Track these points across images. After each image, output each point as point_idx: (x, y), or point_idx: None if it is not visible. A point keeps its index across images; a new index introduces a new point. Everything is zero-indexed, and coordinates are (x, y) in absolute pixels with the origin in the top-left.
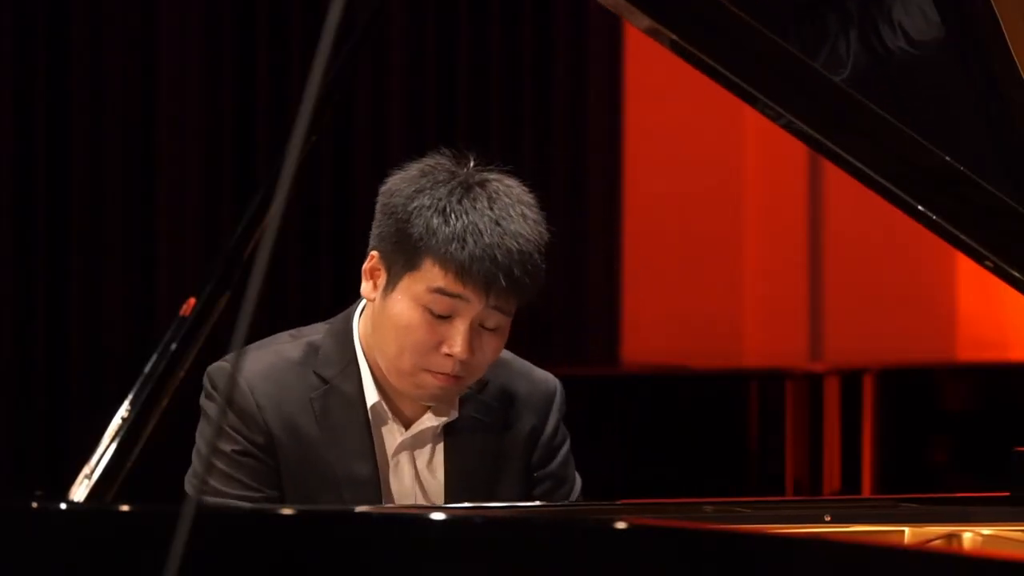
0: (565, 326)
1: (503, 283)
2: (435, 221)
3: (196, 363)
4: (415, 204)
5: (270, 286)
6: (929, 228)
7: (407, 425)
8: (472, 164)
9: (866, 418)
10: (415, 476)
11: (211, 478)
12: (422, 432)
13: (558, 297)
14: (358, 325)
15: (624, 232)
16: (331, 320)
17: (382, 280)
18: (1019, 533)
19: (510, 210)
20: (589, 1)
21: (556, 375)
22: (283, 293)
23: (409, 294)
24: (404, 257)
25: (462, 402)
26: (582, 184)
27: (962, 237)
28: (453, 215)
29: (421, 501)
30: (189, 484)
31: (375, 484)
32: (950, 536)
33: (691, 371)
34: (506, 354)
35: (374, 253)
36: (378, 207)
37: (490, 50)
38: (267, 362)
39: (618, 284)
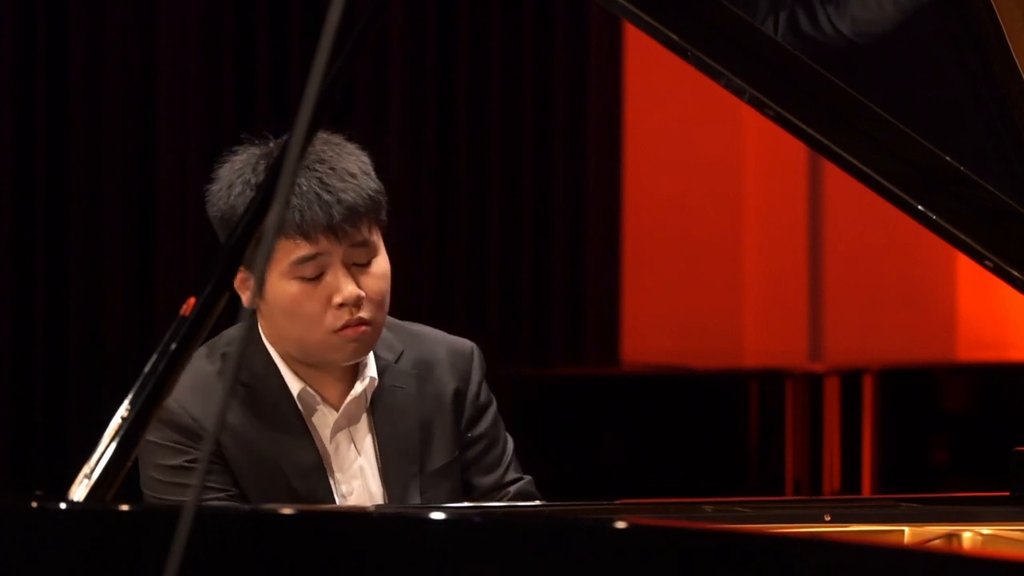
0: (565, 326)
1: (340, 216)
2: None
3: None
4: (232, 195)
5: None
6: (929, 228)
7: (337, 407)
8: (272, 142)
9: (866, 418)
10: (356, 453)
11: (170, 497)
12: (351, 408)
13: (558, 297)
14: (262, 329)
15: (624, 232)
16: (239, 326)
17: (252, 282)
18: (1019, 533)
19: (319, 154)
20: (589, 1)
21: (556, 375)
22: None
23: (276, 276)
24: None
25: (381, 373)
26: (582, 184)
27: (962, 237)
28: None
29: (368, 478)
30: None
31: (322, 470)
32: (950, 536)
33: (691, 371)
34: (418, 325)
35: None
36: (213, 225)
37: (490, 50)
38: (189, 379)
39: (618, 284)
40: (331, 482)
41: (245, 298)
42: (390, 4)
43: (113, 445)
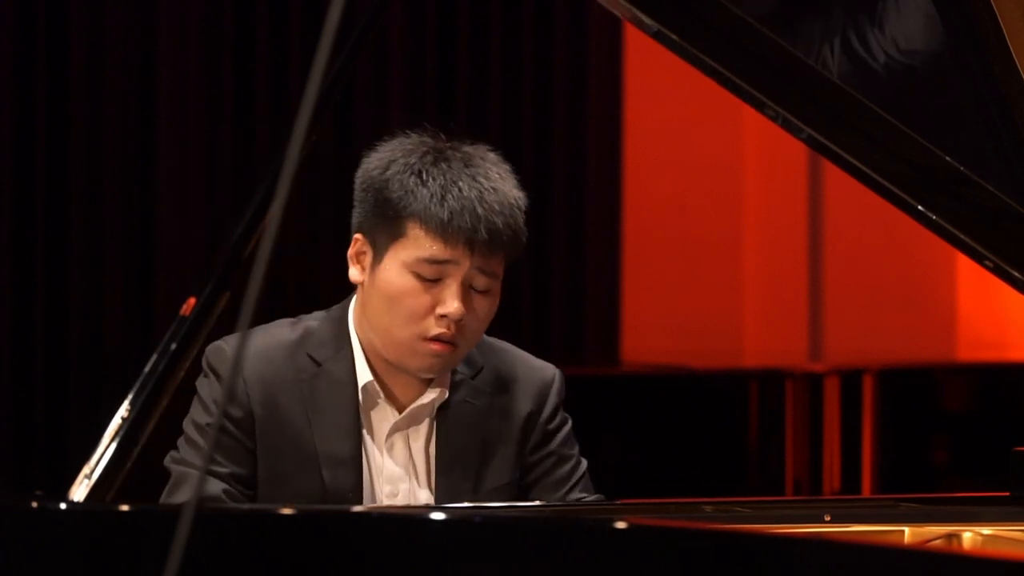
0: (565, 326)
1: (485, 235)
2: (411, 182)
3: (196, 363)
4: (390, 172)
5: (270, 285)
6: (929, 228)
7: (401, 409)
8: (444, 138)
9: (866, 418)
10: (409, 457)
11: (186, 451)
12: (416, 412)
13: (558, 297)
14: (353, 311)
15: (624, 233)
16: (330, 308)
17: (368, 259)
18: (1019, 533)
19: (487, 171)
20: (589, 1)
21: None
22: (283, 291)
23: (397, 263)
24: (387, 227)
25: (455, 387)
26: (582, 184)
27: (962, 237)
28: (429, 176)
29: (415, 482)
30: (171, 458)
31: (356, 464)
32: (950, 536)
33: (691, 371)
34: (504, 343)
35: (357, 236)
36: (356, 190)
37: (490, 50)
38: (262, 343)
39: (618, 284)
40: (367, 479)
41: (355, 270)
42: (390, 4)
43: (113, 445)
